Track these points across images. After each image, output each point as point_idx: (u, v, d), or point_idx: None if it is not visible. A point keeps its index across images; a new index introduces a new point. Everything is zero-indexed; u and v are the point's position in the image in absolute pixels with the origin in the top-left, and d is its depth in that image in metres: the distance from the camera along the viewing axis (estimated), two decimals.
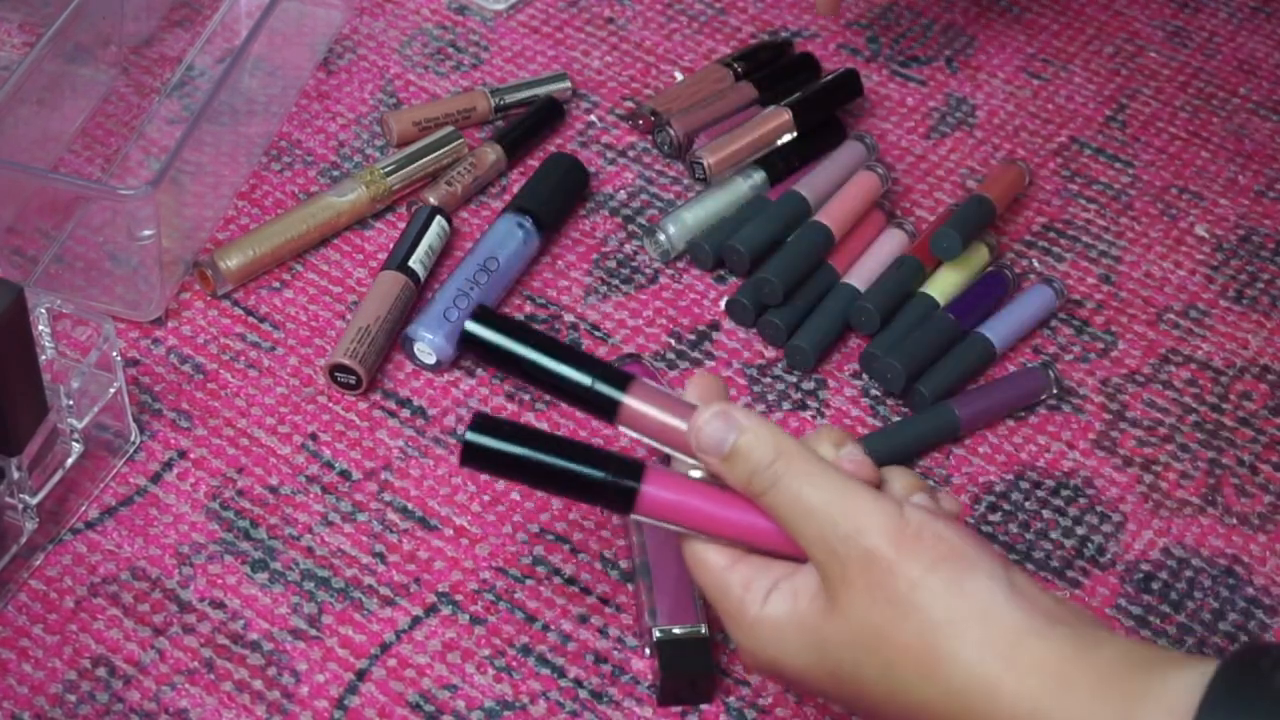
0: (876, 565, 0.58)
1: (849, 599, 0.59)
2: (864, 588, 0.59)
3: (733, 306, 0.86)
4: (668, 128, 0.93)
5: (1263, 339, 0.87)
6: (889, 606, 0.58)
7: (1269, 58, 1.02)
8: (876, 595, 0.58)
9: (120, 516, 0.78)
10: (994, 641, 0.57)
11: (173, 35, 0.99)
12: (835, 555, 0.59)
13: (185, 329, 0.85)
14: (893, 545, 0.58)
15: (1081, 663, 0.56)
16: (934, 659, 0.57)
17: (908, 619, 0.58)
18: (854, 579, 0.59)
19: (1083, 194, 0.94)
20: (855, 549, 0.59)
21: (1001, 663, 0.56)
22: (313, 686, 0.72)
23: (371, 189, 0.89)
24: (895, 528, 0.59)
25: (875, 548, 0.58)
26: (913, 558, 0.58)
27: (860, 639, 0.59)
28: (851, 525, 0.59)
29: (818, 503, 0.60)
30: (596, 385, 0.63)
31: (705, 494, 0.63)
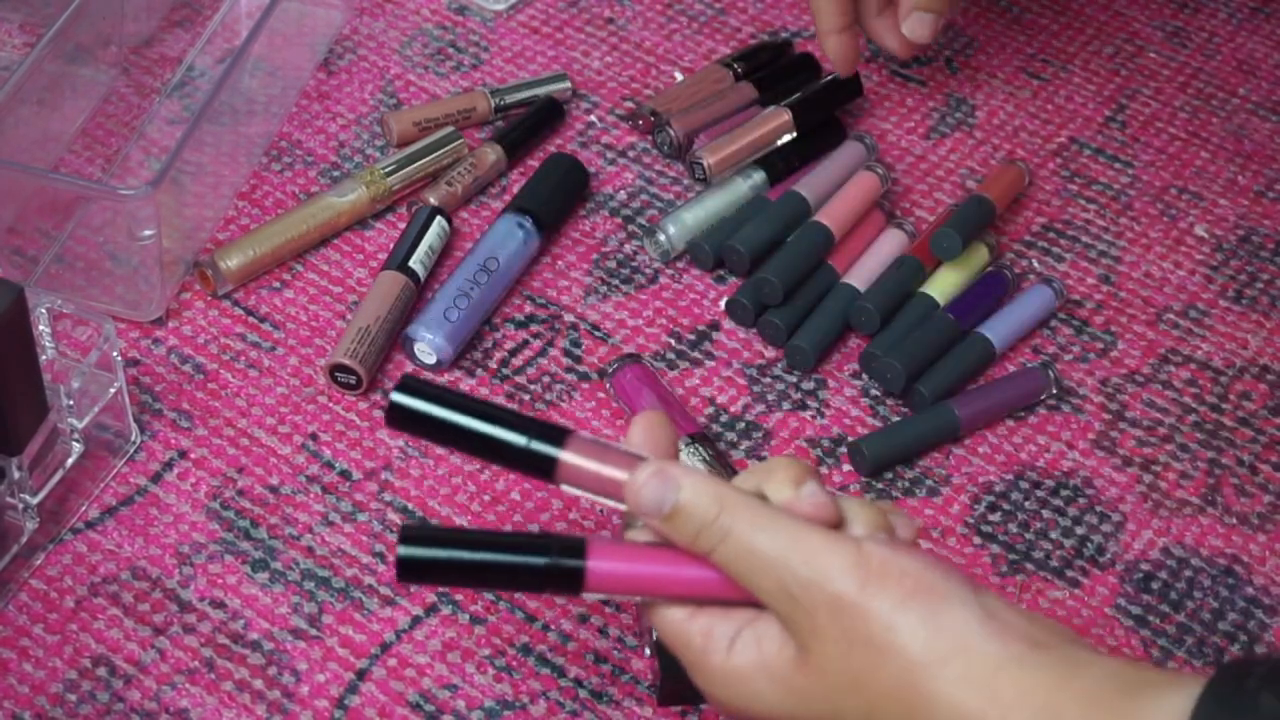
0: (845, 611, 0.57)
1: (821, 649, 0.57)
2: (836, 636, 0.57)
3: (733, 306, 0.86)
4: (668, 128, 0.93)
5: (1262, 339, 0.87)
6: (865, 652, 0.57)
7: (1269, 58, 1.02)
8: (852, 641, 0.57)
9: (120, 516, 0.78)
10: (975, 676, 0.56)
11: (173, 35, 0.99)
12: (799, 605, 0.57)
13: (185, 329, 0.85)
14: (859, 587, 0.57)
15: (1066, 691, 0.55)
16: (916, 700, 0.56)
17: (886, 662, 0.56)
18: (824, 628, 0.57)
19: (1082, 194, 0.94)
20: (820, 595, 0.57)
21: (985, 697, 0.55)
22: (313, 686, 0.72)
23: (371, 189, 0.89)
24: (858, 568, 0.57)
25: (842, 593, 0.57)
26: (881, 597, 0.57)
27: (839, 687, 0.58)
28: (811, 571, 0.57)
29: (772, 552, 0.58)
30: (532, 444, 0.61)
31: (654, 558, 0.60)
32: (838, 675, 0.57)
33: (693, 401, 0.83)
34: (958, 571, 0.58)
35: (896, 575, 0.57)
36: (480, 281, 0.85)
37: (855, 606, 0.57)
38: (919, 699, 0.56)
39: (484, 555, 0.60)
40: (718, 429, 0.82)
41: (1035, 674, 0.55)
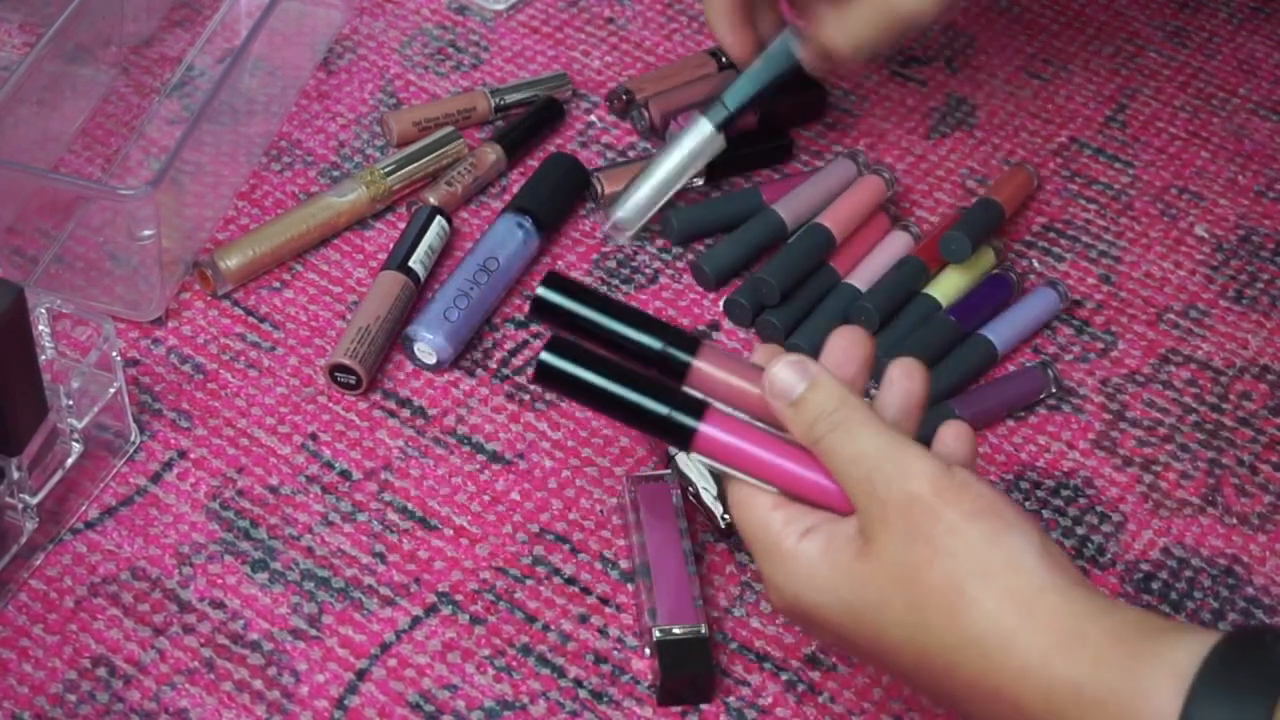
0: (916, 507, 0.60)
1: (885, 540, 0.61)
2: (901, 529, 0.60)
3: (731, 306, 0.86)
4: (643, 109, 0.94)
5: (1263, 339, 0.87)
6: (924, 547, 0.60)
7: (1269, 58, 1.02)
8: (913, 536, 0.60)
9: (120, 516, 0.78)
10: (1017, 593, 0.59)
11: (173, 35, 0.99)
12: (876, 497, 0.61)
13: (185, 329, 0.85)
14: (936, 492, 0.60)
15: (1095, 622, 0.58)
16: (959, 603, 0.59)
17: (939, 561, 0.60)
18: (892, 521, 0.61)
19: (1083, 194, 0.94)
20: (898, 491, 0.61)
21: (1020, 614, 0.58)
22: (313, 686, 0.72)
23: (371, 189, 0.89)
24: (941, 478, 0.61)
25: (918, 492, 0.60)
26: (953, 506, 0.60)
27: (890, 578, 0.61)
28: (897, 469, 0.61)
29: (869, 448, 0.62)
30: (668, 349, 0.65)
31: (761, 441, 0.64)
32: (894, 566, 0.61)
33: None
34: (1029, 515, 0.62)
35: (974, 494, 0.61)
36: (480, 281, 0.85)
37: (927, 506, 0.60)
38: (962, 602, 0.59)
39: (613, 387, 0.65)
40: None
41: (1071, 603, 0.58)
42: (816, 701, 0.73)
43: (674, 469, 0.79)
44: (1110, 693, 0.57)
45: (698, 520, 0.78)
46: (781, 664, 0.74)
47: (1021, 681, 0.58)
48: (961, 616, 0.59)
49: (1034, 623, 0.58)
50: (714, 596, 0.76)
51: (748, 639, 0.75)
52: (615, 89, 0.96)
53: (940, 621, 0.60)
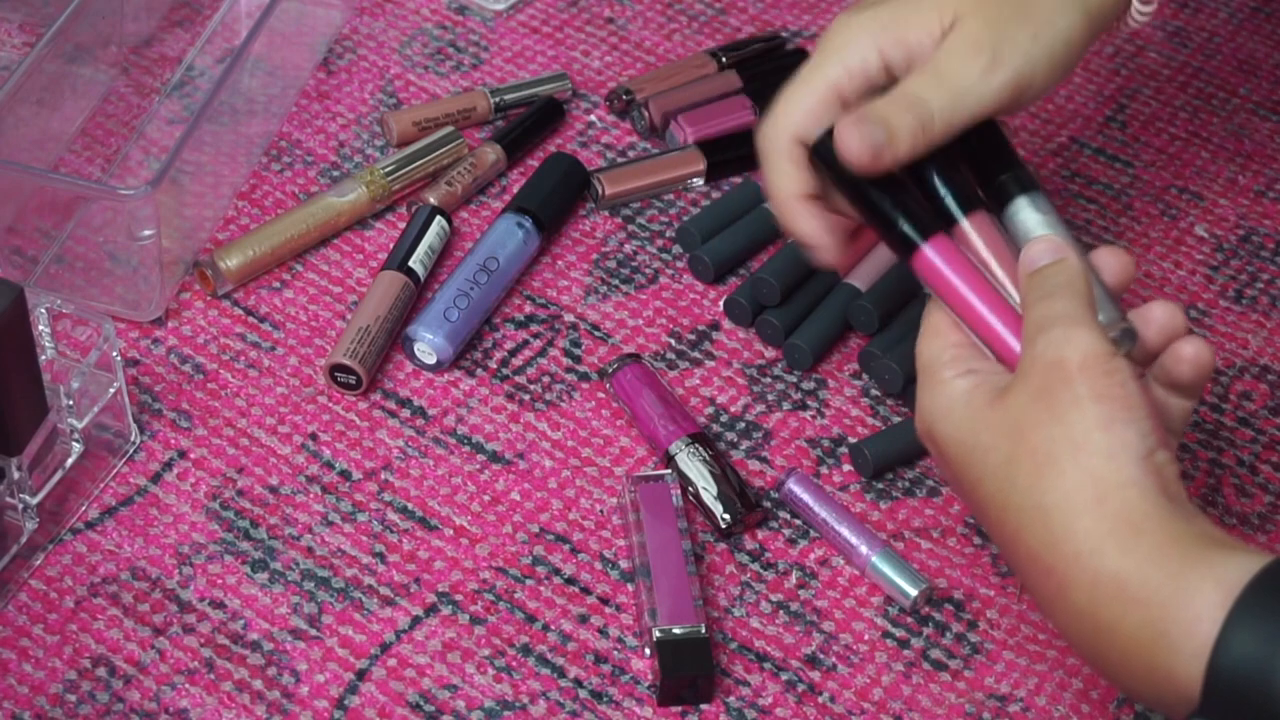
0: (1057, 371, 0.62)
1: (1016, 391, 0.63)
2: (1035, 386, 0.62)
3: (731, 306, 0.86)
4: (642, 108, 0.94)
5: (1263, 339, 0.87)
6: (1043, 408, 0.61)
7: (1269, 58, 1.02)
8: (1040, 395, 0.62)
9: (120, 516, 0.78)
10: (1101, 479, 0.60)
11: (173, 35, 0.99)
12: (1034, 352, 0.63)
13: (185, 329, 0.85)
14: (1082, 365, 0.62)
15: (1158, 522, 0.59)
16: (1046, 469, 0.61)
17: (1049, 425, 0.61)
18: (1032, 376, 0.62)
19: (1083, 194, 0.94)
20: (1052, 352, 0.62)
21: (1094, 498, 0.59)
22: (313, 686, 0.72)
23: (371, 189, 0.89)
24: (1099, 358, 0.62)
25: (1067, 357, 0.62)
26: (1089, 382, 0.61)
27: (1004, 427, 0.62)
28: (1063, 335, 0.63)
29: (1058, 311, 0.64)
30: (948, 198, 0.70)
31: (973, 281, 0.68)
32: (1012, 417, 0.63)
33: (693, 401, 0.83)
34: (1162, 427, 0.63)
35: (1115, 381, 0.62)
36: (480, 281, 0.85)
37: (1065, 374, 0.62)
38: (1050, 469, 0.61)
39: (863, 188, 0.69)
40: (718, 429, 0.82)
41: (1146, 503, 0.59)
42: (816, 701, 0.73)
43: (674, 469, 0.79)
44: (1153, 593, 0.57)
45: (698, 520, 0.78)
46: (781, 664, 0.74)
47: (1073, 566, 0.59)
48: (1042, 482, 0.60)
49: (1102, 509, 0.59)
50: (714, 596, 0.76)
51: (748, 639, 0.75)
52: (615, 89, 0.96)
53: (1025, 482, 0.61)
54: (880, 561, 0.76)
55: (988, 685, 0.74)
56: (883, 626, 0.75)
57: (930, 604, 0.76)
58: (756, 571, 0.77)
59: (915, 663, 0.74)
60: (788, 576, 0.77)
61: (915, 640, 0.75)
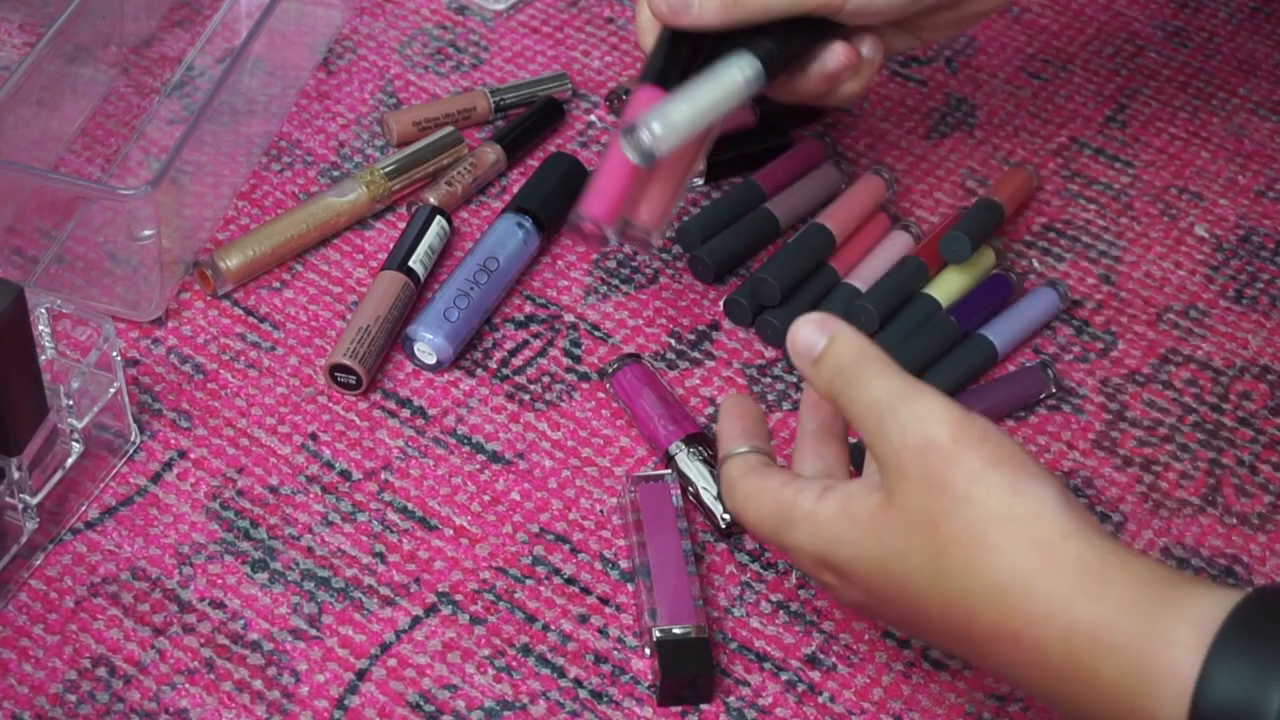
0: (934, 452, 0.60)
1: (904, 489, 0.60)
2: (919, 477, 0.60)
3: (730, 306, 0.86)
4: None
5: (1263, 339, 0.87)
6: (943, 495, 0.59)
7: (1269, 58, 1.02)
8: (933, 484, 0.60)
9: (120, 516, 0.78)
10: (1039, 540, 0.58)
11: (173, 35, 0.99)
12: (891, 444, 0.61)
13: (185, 329, 0.85)
14: (953, 438, 0.60)
15: (1119, 569, 0.57)
16: (979, 550, 0.59)
17: (961, 510, 0.59)
18: (909, 469, 0.60)
19: (1083, 194, 0.94)
20: (913, 437, 0.60)
21: (1043, 560, 0.58)
22: (313, 686, 0.72)
23: (371, 189, 0.89)
24: (958, 423, 0.60)
25: (935, 436, 0.60)
26: (972, 452, 0.60)
27: (911, 527, 0.60)
28: (912, 414, 0.61)
29: (881, 394, 0.62)
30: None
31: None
32: (914, 514, 0.60)
33: (693, 401, 0.83)
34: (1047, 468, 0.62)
35: (992, 442, 0.60)
36: (480, 281, 0.85)
37: (945, 453, 0.60)
38: (982, 549, 0.59)
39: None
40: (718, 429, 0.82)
41: (1095, 550, 0.58)
42: (816, 701, 0.73)
43: (674, 469, 0.79)
44: (1130, 639, 0.56)
45: (698, 520, 0.78)
46: (781, 664, 0.74)
47: (1042, 625, 0.58)
48: (982, 563, 0.59)
49: (1056, 568, 0.58)
50: (714, 596, 0.76)
51: (748, 639, 0.75)
52: (615, 89, 0.96)
53: (961, 569, 0.59)
54: None
55: (987, 685, 0.74)
56: (883, 626, 0.75)
57: None
58: (756, 571, 0.77)
59: (915, 662, 0.74)
60: (788, 576, 0.77)
61: (915, 640, 0.75)
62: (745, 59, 0.76)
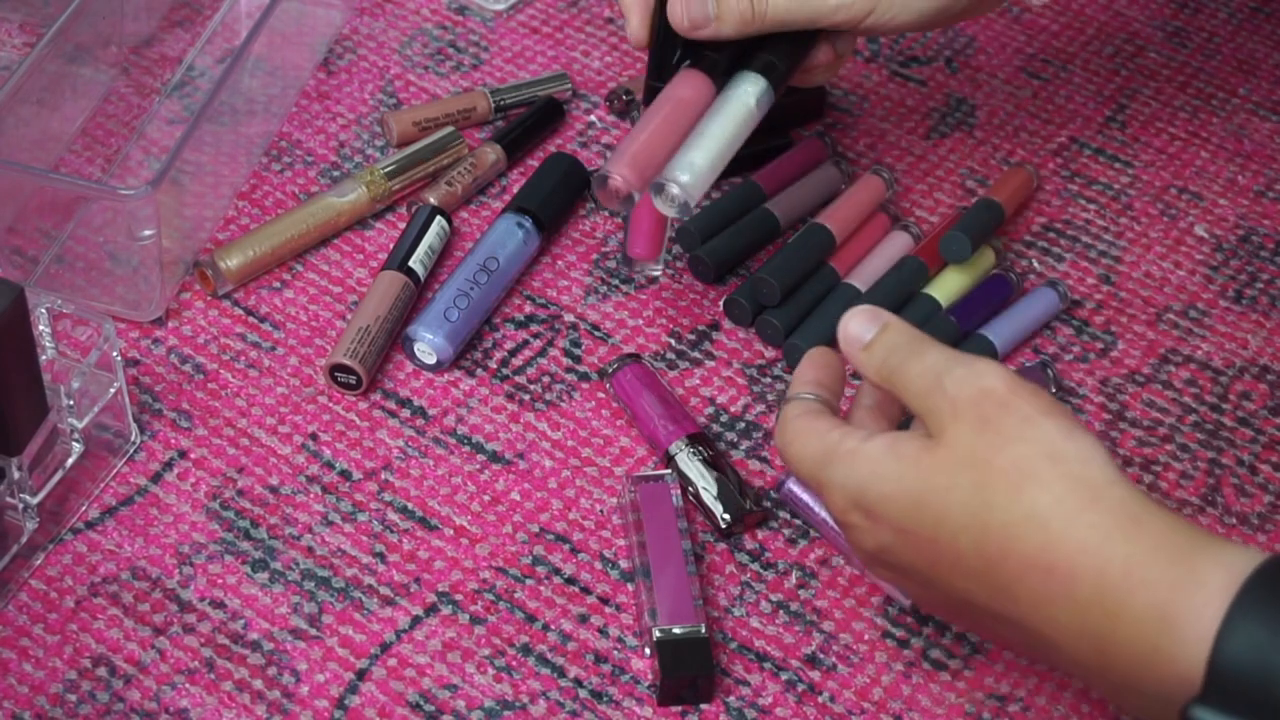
0: (990, 400, 0.62)
1: (955, 431, 0.62)
2: (973, 419, 0.62)
3: (730, 306, 0.86)
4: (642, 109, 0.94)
5: (1262, 339, 0.87)
6: (995, 435, 0.61)
7: (1269, 58, 1.02)
8: (985, 425, 0.61)
9: (120, 516, 0.78)
10: (1086, 481, 0.60)
11: (173, 35, 0.99)
12: (946, 395, 0.63)
13: (185, 329, 0.85)
14: (1009, 389, 0.62)
15: (1157, 516, 0.59)
16: (1027, 483, 0.60)
17: (1011, 446, 0.61)
18: (964, 412, 0.62)
19: (1083, 194, 0.94)
20: (970, 388, 0.62)
21: (1087, 498, 0.60)
22: (313, 686, 0.72)
23: (371, 189, 0.89)
24: (1013, 379, 0.62)
25: (993, 387, 0.62)
26: (1029, 401, 0.62)
27: (959, 462, 0.62)
28: (970, 370, 0.63)
29: (939, 357, 0.64)
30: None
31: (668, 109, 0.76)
32: (963, 450, 0.62)
33: (693, 401, 0.83)
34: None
35: (1047, 399, 0.62)
36: (480, 281, 0.85)
37: (1000, 400, 0.62)
38: (1030, 482, 0.60)
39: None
40: (718, 429, 0.82)
41: (1137, 497, 0.60)
42: (816, 701, 0.73)
43: (674, 469, 0.79)
44: (1162, 574, 0.58)
45: (698, 520, 0.78)
46: (781, 664, 0.74)
47: (1079, 557, 0.59)
48: (1028, 494, 0.60)
49: (1099, 506, 0.59)
50: (714, 596, 0.76)
51: (748, 639, 0.75)
52: (615, 89, 0.96)
53: (1005, 499, 0.61)
54: None
55: (987, 685, 0.74)
56: (882, 626, 0.75)
57: None
58: (756, 571, 0.77)
59: (915, 662, 0.74)
60: (788, 576, 0.77)
61: (915, 640, 0.75)
62: (752, 81, 0.78)
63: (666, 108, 0.77)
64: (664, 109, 0.77)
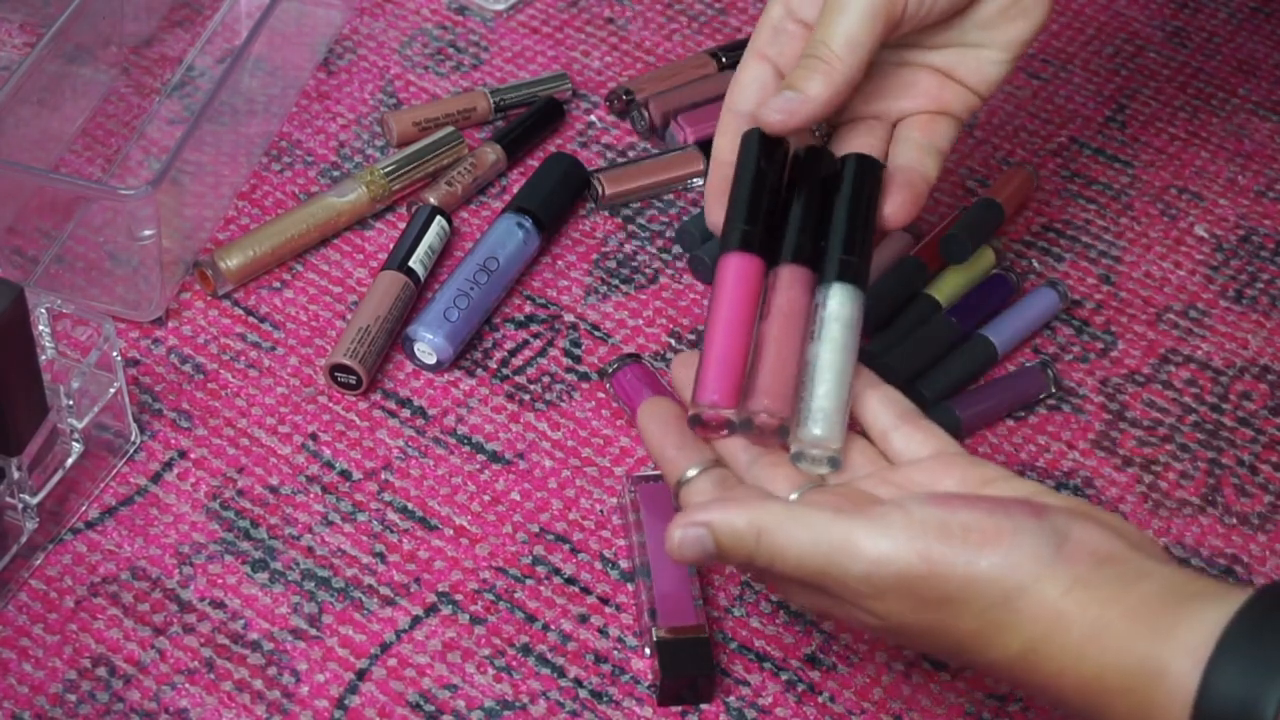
0: (914, 582, 0.59)
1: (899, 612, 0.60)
2: (906, 603, 0.60)
3: None
4: (643, 109, 0.94)
5: (1262, 339, 0.87)
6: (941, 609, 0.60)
7: (1269, 58, 1.02)
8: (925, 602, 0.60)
9: (120, 516, 0.78)
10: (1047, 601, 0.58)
11: (173, 35, 0.99)
12: (863, 594, 0.60)
13: (185, 329, 0.85)
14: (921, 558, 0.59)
15: (1119, 605, 0.57)
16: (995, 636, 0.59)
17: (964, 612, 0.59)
18: (890, 600, 0.60)
19: (1083, 194, 0.94)
20: (883, 580, 0.59)
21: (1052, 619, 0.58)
22: (313, 686, 0.72)
23: (371, 189, 0.89)
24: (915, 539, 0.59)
25: (905, 569, 0.59)
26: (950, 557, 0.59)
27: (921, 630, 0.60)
28: (865, 565, 0.59)
29: (816, 560, 0.60)
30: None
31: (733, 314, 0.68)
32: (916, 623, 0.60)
33: None
34: (1014, 503, 0.60)
35: (960, 532, 0.59)
36: (480, 281, 0.85)
37: (923, 576, 0.59)
38: (997, 633, 0.59)
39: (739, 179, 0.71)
40: None
41: (1096, 591, 0.58)
42: (816, 701, 0.73)
43: None
44: (1133, 678, 0.57)
45: None
46: (781, 664, 0.74)
47: (1060, 679, 0.59)
48: (997, 647, 0.59)
49: (1063, 623, 0.58)
50: (714, 596, 0.76)
51: (748, 639, 0.75)
52: (615, 89, 0.96)
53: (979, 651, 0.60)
54: None
55: (987, 685, 0.74)
56: None
57: None
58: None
59: (915, 662, 0.74)
60: None
61: None
62: (839, 293, 0.69)
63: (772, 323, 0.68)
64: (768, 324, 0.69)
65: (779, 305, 0.68)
